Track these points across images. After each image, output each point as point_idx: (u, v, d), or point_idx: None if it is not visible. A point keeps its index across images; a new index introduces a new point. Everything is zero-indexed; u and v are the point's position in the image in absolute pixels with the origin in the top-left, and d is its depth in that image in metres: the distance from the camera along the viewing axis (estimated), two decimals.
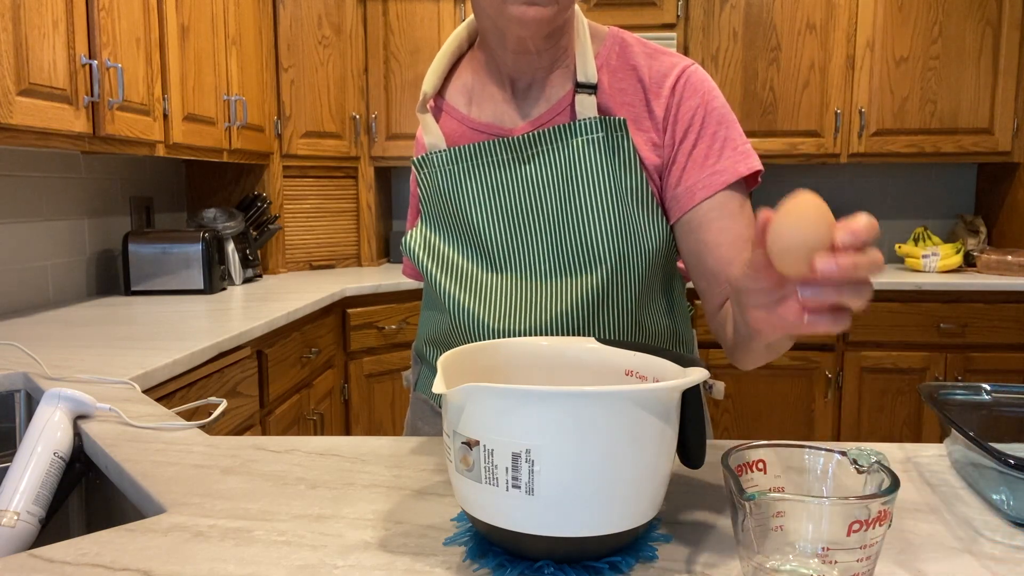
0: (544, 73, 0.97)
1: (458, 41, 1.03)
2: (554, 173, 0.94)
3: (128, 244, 2.48)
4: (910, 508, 0.75)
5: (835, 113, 3.16)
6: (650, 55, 0.96)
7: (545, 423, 0.56)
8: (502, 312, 0.96)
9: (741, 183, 0.92)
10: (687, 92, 0.93)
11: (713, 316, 0.94)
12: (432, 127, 1.00)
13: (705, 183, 0.91)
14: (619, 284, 0.94)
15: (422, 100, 1.01)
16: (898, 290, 2.94)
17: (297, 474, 0.84)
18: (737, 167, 0.91)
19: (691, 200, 0.92)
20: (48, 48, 1.70)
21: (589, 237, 0.93)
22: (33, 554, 0.66)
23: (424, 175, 1.01)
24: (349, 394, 2.86)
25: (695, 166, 0.92)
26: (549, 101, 0.97)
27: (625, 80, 0.95)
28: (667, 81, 0.94)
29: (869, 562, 0.54)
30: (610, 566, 0.61)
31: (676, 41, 3.15)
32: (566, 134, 0.94)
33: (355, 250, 3.38)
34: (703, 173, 0.92)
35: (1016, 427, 0.88)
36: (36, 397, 1.33)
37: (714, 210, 0.91)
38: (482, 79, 1.01)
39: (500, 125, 0.98)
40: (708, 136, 0.92)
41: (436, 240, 1.01)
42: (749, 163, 0.92)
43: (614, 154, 0.93)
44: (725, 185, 0.91)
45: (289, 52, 3.05)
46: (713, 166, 0.92)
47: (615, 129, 0.93)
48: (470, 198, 0.97)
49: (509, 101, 0.98)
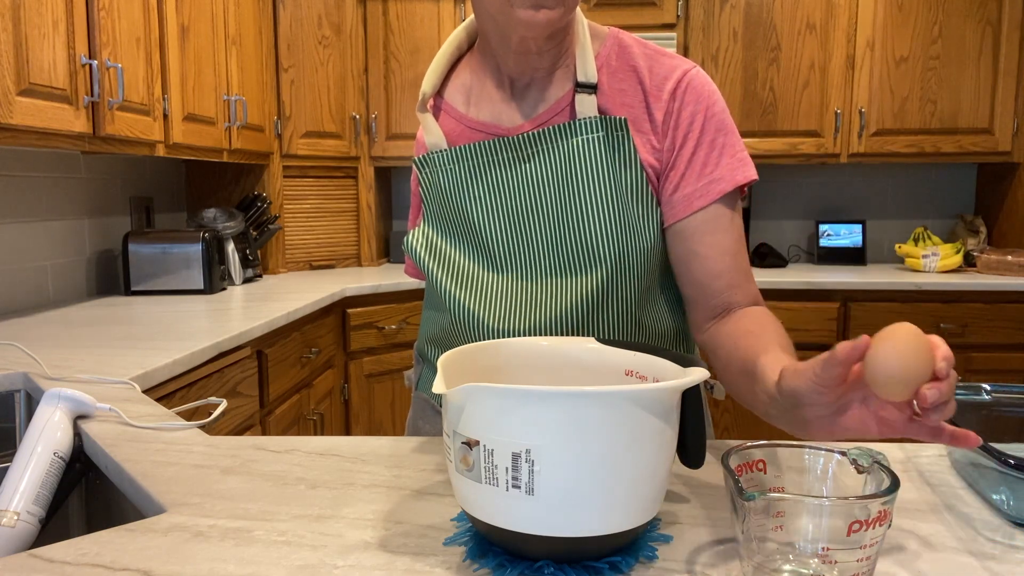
0: (544, 73, 0.97)
1: (457, 41, 1.04)
2: (554, 172, 0.94)
3: (128, 244, 2.48)
4: (910, 508, 0.75)
5: (835, 113, 3.16)
6: (650, 57, 0.96)
7: (545, 423, 0.56)
8: (502, 311, 0.96)
9: (735, 191, 0.93)
10: (688, 97, 0.93)
11: (699, 328, 0.96)
12: (433, 127, 1.00)
13: (702, 192, 0.92)
14: (619, 283, 0.94)
15: (421, 100, 1.01)
16: (898, 290, 2.94)
17: (297, 474, 0.84)
18: (735, 175, 0.92)
19: (687, 208, 0.93)
20: (48, 48, 1.70)
21: (589, 236, 0.93)
22: (33, 554, 0.66)
23: (425, 174, 1.01)
24: (349, 394, 2.86)
25: (693, 173, 0.93)
26: (548, 101, 0.97)
27: (625, 81, 0.95)
28: (667, 84, 0.93)
29: (869, 562, 0.54)
30: (610, 566, 0.61)
31: (676, 41, 3.15)
32: (566, 133, 0.94)
33: (355, 250, 3.38)
34: (701, 181, 0.92)
35: (1016, 427, 0.88)
36: (36, 397, 1.33)
37: (708, 222, 0.92)
38: (481, 78, 1.01)
39: (498, 124, 0.98)
40: (707, 143, 0.93)
41: (437, 239, 1.01)
42: (746, 172, 0.93)
43: (614, 153, 0.93)
44: (721, 195, 0.92)
45: (289, 52, 3.05)
46: (711, 174, 0.92)
47: (615, 128, 0.93)
48: (470, 197, 0.97)
49: (508, 101, 0.98)
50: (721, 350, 0.89)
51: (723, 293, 0.93)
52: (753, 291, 0.94)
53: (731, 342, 0.86)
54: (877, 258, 3.57)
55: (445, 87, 1.04)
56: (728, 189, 0.91)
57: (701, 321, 0.95)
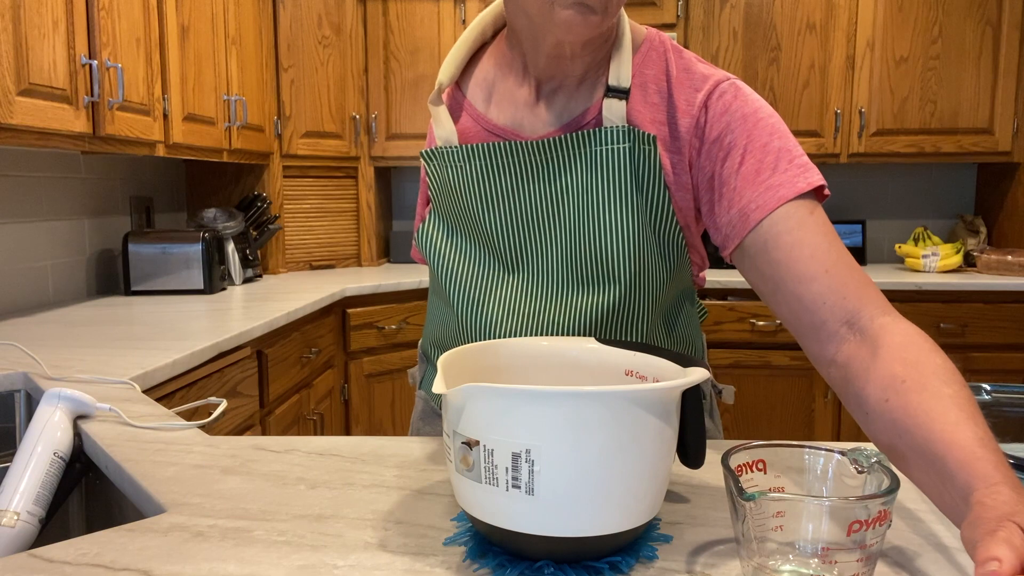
0: (574, 80, 0.90)
1: (481, 26, 0.96)
2: (575, 179, 0.88)
3: (128, 244, 2.48)
4: (910, 508, 0.75)
5: (835, 113, 3.16)
6: (684, 67, 0.89)
7: (545, 423, 0.56)
8: (511, 311, 0.92)
9: (805, 199, 0.79)
10: (719, 107, 0.85)
11: (822, 362, 0.76)
12: (445, 120, 0.93)
13: (760, 201, 0.79)
14: (634, 305, 0.90)
15: (437, 90, 0.94)
16: (898, 290, 2.94)
17: (297, 474, 0.84)
18: (796, 182, 0.79)
19: (746, 223, 0.80)
20: (48, 48, 1.70)
21: (608, 251, 0.88)
22: (33, 554, 0.66)
23: (433, 168, 0.95)
24: (349, 394, 2.86)
25: (747, 184, 0.80)
26: (574, 111, 0.90)
27: (655, 94, 0.89)
28: (698, 97, 0.86)
29: (869, 562, 0.54)
30: (610, 566, 0.61)
31: (676, 41, 3.15)
32: (591, 141, 0.87)
33: (355, 250, 3.38)
34: (757, 190, 0.80)
35: (1016, 427, 0.88)
36: (36, 397, 1.33)
37: (777, 224, 0.78)
38: (504, 74, 0.94)
39: (518, 132, 0.92)
40: (757, 149, 0.81)
41: (447, 235, 0.97)
42: (809, 178, 0.79)
43: (639, 167, 0.87)
44: (783, 202, 0.78)
45: (289, 52, 3.05)
46: (767, 180, 0.80)
47: (643, 143, 0.86)
48: (482, 198, 0.92)
49: (532, 106, 0.92)
50: (870, 401, 0.67)
51: (828, 304, 0.74)
52: (878, 300, 0.74)
53: (881, 395, 0.66)
54: (877, 258, 3.57)
55: (465, 79, 0.96)
56: (790, 196, 0.78)
57: (818, 353, 0.76)
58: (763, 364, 2.99)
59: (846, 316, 0.74)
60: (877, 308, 0.73)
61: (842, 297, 0.74)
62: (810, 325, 0.76)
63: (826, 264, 0.75)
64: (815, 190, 0.80)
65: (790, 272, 0.77)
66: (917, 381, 0.64)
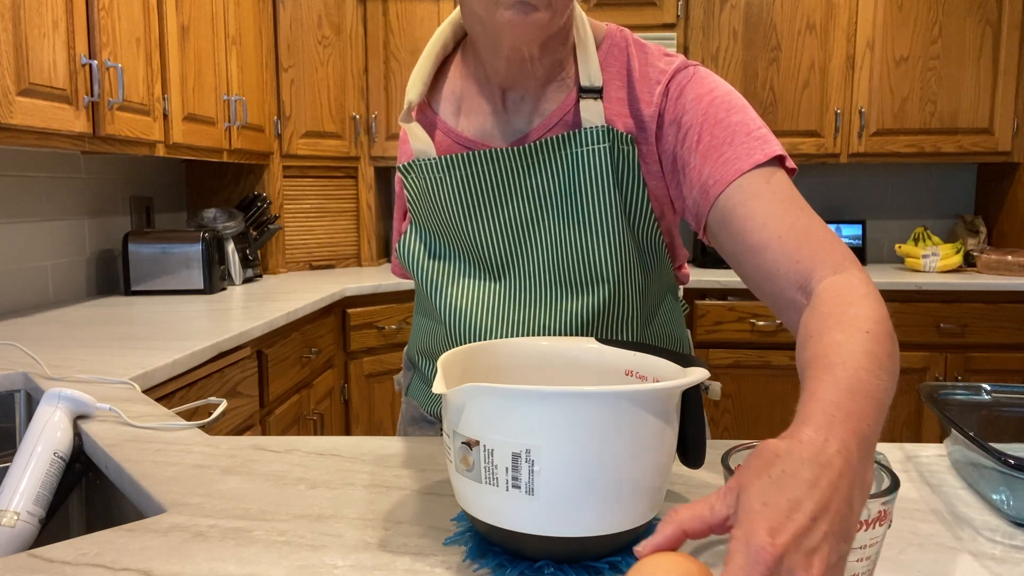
0: (538, 84, 0.90)
1: (442, 40, 0.96)
2: (558, 182, 0.89)
3: (128, 244, 2.48)
4: (910, 508, 0.75)
5: (835, 113, 3.16)
6: (643, 58, 0.90)
7: (545, 423, 0.56)
8: (498, 319, 0.92)
9: (763, 170, 0.78)
10: (674, 91, 0.86)
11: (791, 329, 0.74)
12: (420, 134, 0.93)
13: (718, 176, 0.79)
14: (620, 304, 0.91)
15: (406, 110, 0.93)
16: (898, 290, 2.94)
17: (297, 474, 0.84)
18: (752, 154, 0.78)
19: (707, 199, 0.80)
20: (48, 48, 1.70)
21: (592, 253, 0.89)
22: (33, 554, 0.66)
23: (412, 181, 0.95)
24: (349, 394, 2.86)
25: (705, 160, 0.81)
26: (542, 115, 0.90)
27: (620, 89, 0.89)
28: (658, 86, 0.87)
29: (869, 562, 0.54)
30: (610, 566, 0.61)
31: (676, 41, 3.15)
32: (570, 142, 0.88)
33: (355, 250, 3.38)
34: (715, 164, 0.79)
35: (1016, 427, 0.88)
36: (36, 397, 1.33)
37: (732, 197, 0.77)
38: (470, 85, 0.94)
39: (488, 142, 0.92)
40: (713, 125, 0.81)
41: (429, 245, 0.97)
42: (765, 148, 0.78)
43: (619, 167, 0.87)
44: (739, 174, 0.77)
45: (289, 52, 3.05)
46: (724, 155, 0.79)
47: (622, 143, 0.87)
48: (462, 207, 0.92)
49: (499, 114, 0.92)
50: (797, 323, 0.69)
51: (782, 271, 0.72)
52: (830, 259, 0.71)
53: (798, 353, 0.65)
54: (877, 258, 3.57)
55: (434, 94, 0.96)
56: (746, 168, 0.77)
57: (787, 323, 0.75)
58: (763, 364, 2.99)
59: (799, 281, 0.71)
60: (828, 267, 0.70)
61: (795, 262, 0.72)
62: (771, 295, 0.74)
63: (779, 231, 0.73)
64: (778, 161, 0.79)
65: (745, 243, 0.75)
66: (818, 331, 0.62)
